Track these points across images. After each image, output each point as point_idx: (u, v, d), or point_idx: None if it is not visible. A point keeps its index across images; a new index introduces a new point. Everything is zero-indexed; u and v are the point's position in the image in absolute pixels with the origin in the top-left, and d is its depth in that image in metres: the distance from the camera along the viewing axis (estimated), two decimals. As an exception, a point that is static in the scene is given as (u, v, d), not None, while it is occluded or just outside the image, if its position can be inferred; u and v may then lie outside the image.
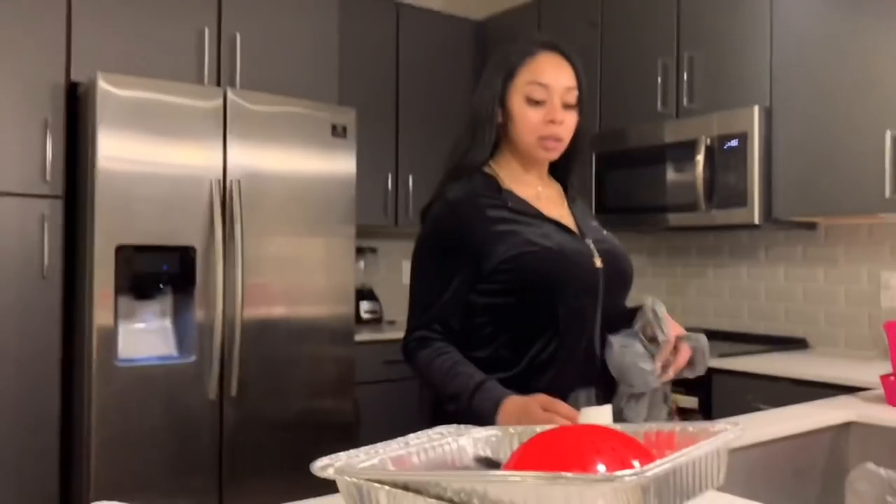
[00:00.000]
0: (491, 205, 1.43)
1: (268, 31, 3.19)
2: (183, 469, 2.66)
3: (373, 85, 3.75)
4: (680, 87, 3.14)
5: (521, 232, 1.41)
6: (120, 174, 2.59)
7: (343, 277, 3.06)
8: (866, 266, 2.91)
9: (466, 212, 1.42)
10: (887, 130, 2.51)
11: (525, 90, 1.45)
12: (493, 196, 1.45)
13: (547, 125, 1.44)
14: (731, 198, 2.85)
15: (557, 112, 1.44)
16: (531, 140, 1.45)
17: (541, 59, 1.46)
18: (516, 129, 1.47)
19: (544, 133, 1.44)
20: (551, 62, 1.46)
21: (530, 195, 1.49)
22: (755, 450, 1.46)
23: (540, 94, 1.44)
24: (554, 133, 1.44)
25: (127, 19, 2.88)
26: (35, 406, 2.66)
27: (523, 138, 1.46)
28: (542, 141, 1.45)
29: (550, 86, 1.44)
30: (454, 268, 1.42)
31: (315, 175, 3.00)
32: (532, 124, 1.44)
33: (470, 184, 1.46)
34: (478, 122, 1.49)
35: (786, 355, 2.87)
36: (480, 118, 1.48)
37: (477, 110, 1.49)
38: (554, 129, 1.44)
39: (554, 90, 1.44)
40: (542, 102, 1.44)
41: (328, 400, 3.01)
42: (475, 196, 1.44)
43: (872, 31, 2.58)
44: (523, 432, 0.98)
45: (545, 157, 1.48)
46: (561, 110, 1.44)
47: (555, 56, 1.47)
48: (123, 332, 2.65)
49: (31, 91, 2.70)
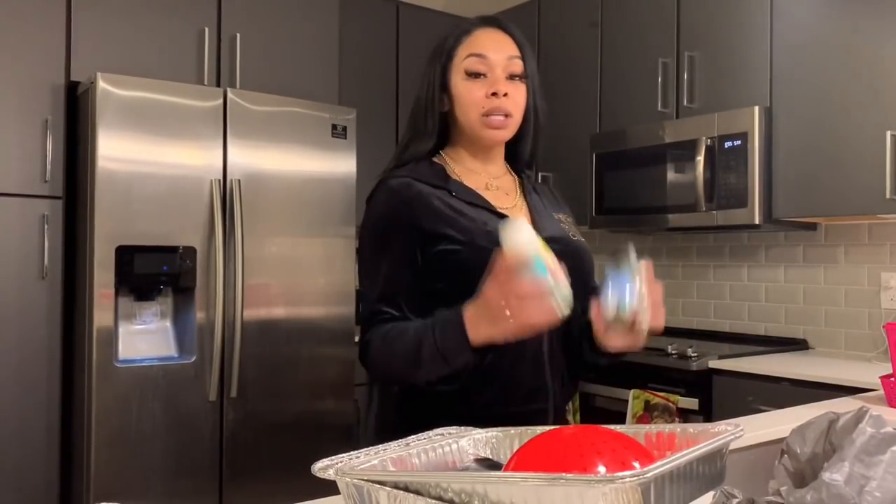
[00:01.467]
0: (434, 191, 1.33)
1: (268, 31, 3.19)
2: (183, 469, 2.66)
3: (373, 85, 3.75)
4: (680, 87, 3.14)
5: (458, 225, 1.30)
6: (120, 174, 2.59)
7: (343, 278, 3.06)
8: (866, 267, 2.91)
9: (407, 196, 1.32)
10: (887, 130, 2.51)
11: (464, 65, 1.35)
12: (439, 183, 1.35)
13: (490, 99, 1.33)
14: (731, 198, 2.85)
15: (500, 83, 1.33)
16: (475, 117, 1.34)
17: (478, 34, 1.38)
18: (460, 110, 1.36)
19: (488, 107, 1.33)
20: (489, 36, 1.38)
21: (478, 185, 1.39)
22: (755, 450, 1.45)
23: (479, 65, 1.34)
24: (497, 106, 1.33)
25: (127, 19, 2.88)
26: (35, 406, 2.66)
27: (468, 116, 1.35)
28: (486, 118, 1.34)
29: (489, 57, 1.34)
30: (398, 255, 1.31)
31: (315, 175, 2.99)
32: (474, 98, 1.34)
33: (415, 170, 1.36)
34: (419, 110, 1.39)
35: (786, 356, 2.87)
36: (421, 105, 1.39)
37: (418, 98, 1.40)
38: (497, 102, 1.33)
39: (495, 61, 1.34)
40: (482, 75, 1.34)
41: (328, 400, 3.01)
42: (417, 181, 1.34)
43: (872, 31, 2.57)
44: (524, 433, 0.98)
45: (492, 136, 1.36)
46: (504, 81, 1.34)
47: (493, 30, 1.39)
48: (123, 332, 2.65)
49: (31, 91, 2.69)
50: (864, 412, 0.91)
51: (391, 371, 1.32)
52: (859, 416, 0.90)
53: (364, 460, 0.86)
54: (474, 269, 1.24)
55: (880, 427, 0.87)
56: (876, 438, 0.85)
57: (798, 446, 0.99)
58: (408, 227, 1.31)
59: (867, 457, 0.84)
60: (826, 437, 0.96)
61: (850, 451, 0.84)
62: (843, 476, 0.81)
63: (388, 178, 1.37)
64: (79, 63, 2.78)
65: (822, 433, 0.97)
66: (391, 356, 1.27)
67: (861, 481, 0.81)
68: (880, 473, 0.82)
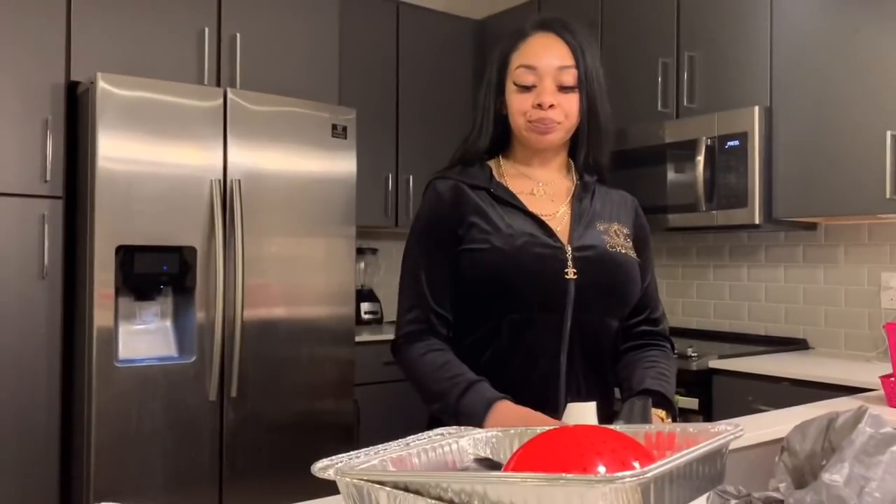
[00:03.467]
0: (474, 192, 1.38)
1: (268, 31, 3.19)
2: (183, 469, 2.66)
3: (373, 85, 3.75)
4: (680, 87, 3.14)
5: (484, 226, 1.34)
6: (120, 174, 2.59)
7: (343, 278, 3.06)
8: (866, 267, 2.91)
9: (448, 196, 1.38)
10: (887, 130, 2.51)
11: (515, 75, 1.37)
12: (482, 184, 1.39)
13: (535, 110, 1.35)
14: (731, 198, 2.85)
15: (545, 95, 1.34)
16: (522, 125, 1.38)
17: (531, 41, 1.39)
18: (511, 117, 1.40)
19: (533, 118, 1.36)
20: (541, 43, 1.38)
21: (525, 189, 1.41)
22: (755, 450, 1.45)
23: (528, 77, 1.35)
24: (541, 117, 1.35)
25: (127, 19, 2.88)
26: (35, 406, 2.66)
27: (516, 124, 1.39)
28: (530, 124, 1.36)
29: (538, 68, 1.35)
30: (440, 253, 1.36)
31: (315, 175, 2.99)
32: (520, 109, 1.37)
33: (462, 171, 1.42)
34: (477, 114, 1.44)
35: (786, 356, 2.87)
36: (479, 109, 1.44)
37: (476, 102, 1.46)
38: (542, 114, 1.35)
39: (543, 72, 1.35)
40: (531, 87, 1.36)
41: (328, 400, 3.01)
42: (461, 181, 1.39)
43: (872, 31, 2.57)
44: (523, 433, 0.98)
45: (538, 141, 1.38)
46: (551, 93, 1.35)
47: (546, 36, 1.39)
48: (123, 332, 2.65)
49: (31, 91, 2.69)
50: (864, 412, 0.91)
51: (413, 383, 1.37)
52: (858, 415, 0.90)
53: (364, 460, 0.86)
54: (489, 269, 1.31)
55: (879, 427, 0.87)
56: (875, 439, 0.85)
57: (798, 443, 0.99)
58: (447, 226, 1.36)
59: (866, 457, 0.84)
60: (825, 435, 0.96)
61: (850, 451, 0.84)
62: (843, 477, 0.81)
63: (435, 180, 1.43)
64: (79, 63, 2.78)
65: (821, 431, 0.97)
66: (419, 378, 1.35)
67: (861, 482, 0.81)
68: (880, 474, 0.82)
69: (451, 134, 4.05)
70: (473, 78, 4.13)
